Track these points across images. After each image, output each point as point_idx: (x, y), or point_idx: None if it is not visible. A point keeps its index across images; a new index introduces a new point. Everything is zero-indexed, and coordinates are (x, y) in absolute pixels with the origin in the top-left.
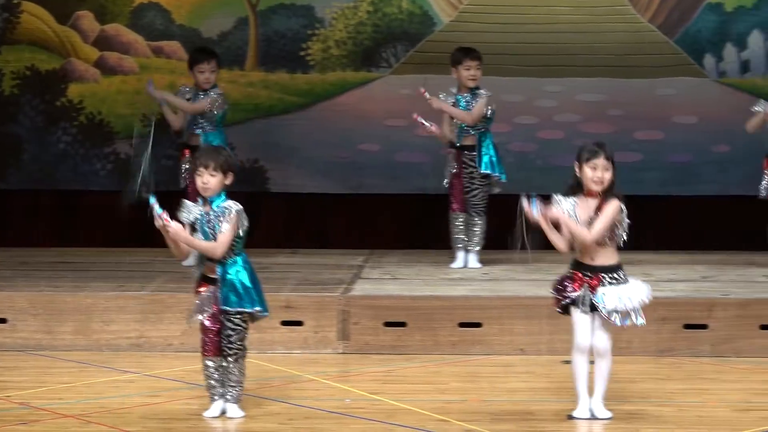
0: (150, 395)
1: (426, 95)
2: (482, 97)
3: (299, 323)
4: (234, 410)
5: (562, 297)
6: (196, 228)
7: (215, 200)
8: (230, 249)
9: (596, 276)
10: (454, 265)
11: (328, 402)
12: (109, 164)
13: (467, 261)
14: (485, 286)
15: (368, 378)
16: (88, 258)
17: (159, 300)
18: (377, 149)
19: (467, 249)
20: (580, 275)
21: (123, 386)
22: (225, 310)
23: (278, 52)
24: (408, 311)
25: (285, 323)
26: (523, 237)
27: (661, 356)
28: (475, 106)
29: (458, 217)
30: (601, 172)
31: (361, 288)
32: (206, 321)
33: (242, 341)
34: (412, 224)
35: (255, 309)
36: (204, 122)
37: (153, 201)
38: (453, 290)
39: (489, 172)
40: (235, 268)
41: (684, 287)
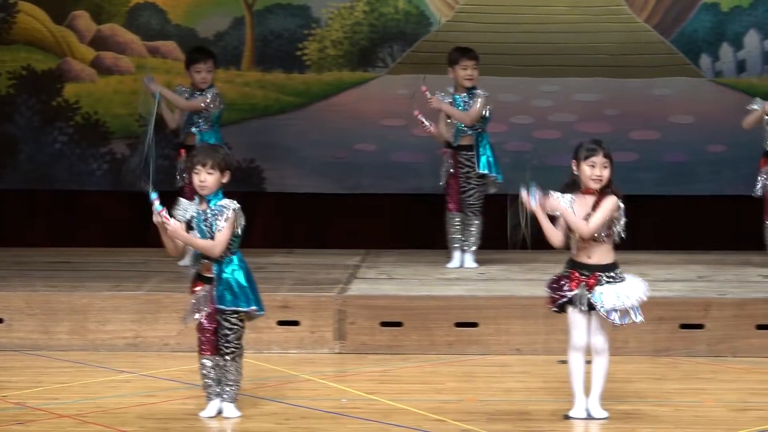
0: (146, 395)
1: (427, 94)
2: (480, 98)
3: (296, 323)
4: (230, 410)
5: (559, 296)
6: (193, 226)
7: (212, 198)
8: (227, 248)
9: (593, 275)
10: (451, 265)
11: (325, 402)
12: (105, 164)
13: (463, 261)
14: (481, 286)
15: (365, 378)
16: (84, 258)
17: (155, 300)
18: (373, 149)
19: (463, 249)
20: (577, 274)
21: (119, 386)
22: (221, 309)
23: (274, 52)
24: (404, 311)
25: (281, 323)
26: (520, 218)
27: (658, 356)
28: (473, 107)
29: (454, 217)
30: (600, 170)
31: (358, 288)
32: (203, 320)
33: (239, 340)
34: (409, 224)
35: (251, 308)
36: (200, 121)
37: (154, 197)
38: (449, 290)
39: (486, 173)
40: (231, 267)
41: (680, 287)
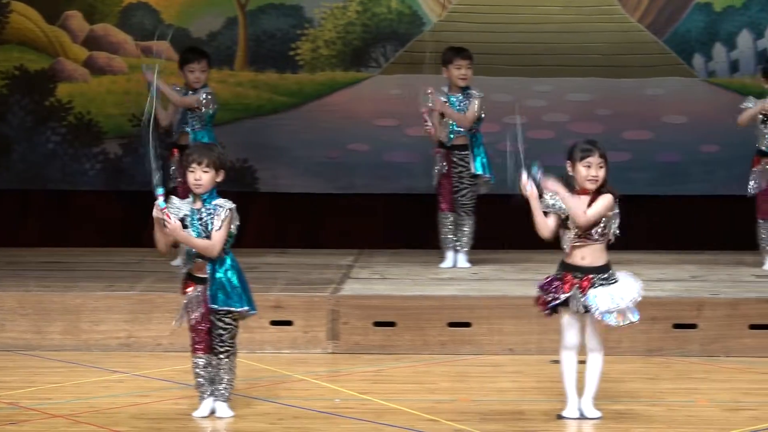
0: (139, 395)
1: (432, 96)
2: (476, 98)
3: (289, 323)
4: (223, 410)
5: (552, 298)
6: (187, 225)
7: (207, 197)
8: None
9: (586, 277)
10: (444, 265)
11: (318, 402)
12: (98, 164)
13: (456, 261)
14: (474, 286)
15: (358, 378)
16: (77, 258)
17: (148, 300)
18: (366, 149)
19: (456, 249)
20: (570, 276)
21: (112, 386)
22: (214, 309)
23: (267, 52)
24: (397, 311)
25: (274, 323)
26: (517, 156)
27: (651, 356)
28: (470, 109)
29: (447, 217)
30: (596, 170)
31: (351, 288)
32: (196, 319)
33: (233, 339)
34: (402, 224)
35: (243, 308)
36: (194, 121)
37: (160, 192)
38: (442, 290)
39: (481, 173)
40: (224, 267)
41: (673, 287)
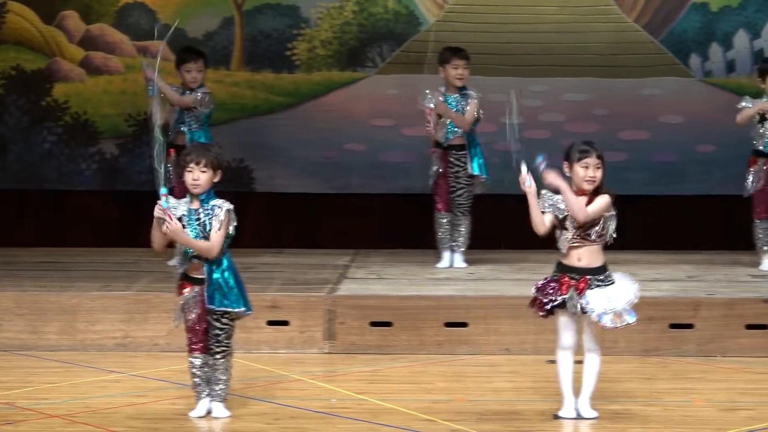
0: (136, 395)
1: (440, 98)
2: (473, 99)
3: (285, 323)
4: (220, 410)
5: (549, 300)
6: (184, 225)
7: (205, 198)
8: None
9: (583, 278)
10: (440, 265)
11: (314, 402)
12: (94, 164)
13: (453, 261)
14: (471, 286)
15: (354, 378)
16: (73, 258)
17: (144, 300)
18: (363, 149)
19: (453, 249)
20: (567, 278)
21: (109, 386)
22: (211, 310)
23: (264, 52)
24: (394, 311)
25: (271, 323)
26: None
27: (647, 356)
28: (468, 111)
29: (443, 217)
30: (593, 171)
31: (347, 288)
32: (192, 319)
33: (229, 339)
34: (398, 224)
35: (240, 309)
36: (190, 121)
37: (164, 192)
38: (439, 290)
39: (477, 174)
40: (222, 268)
41: (670, 287)
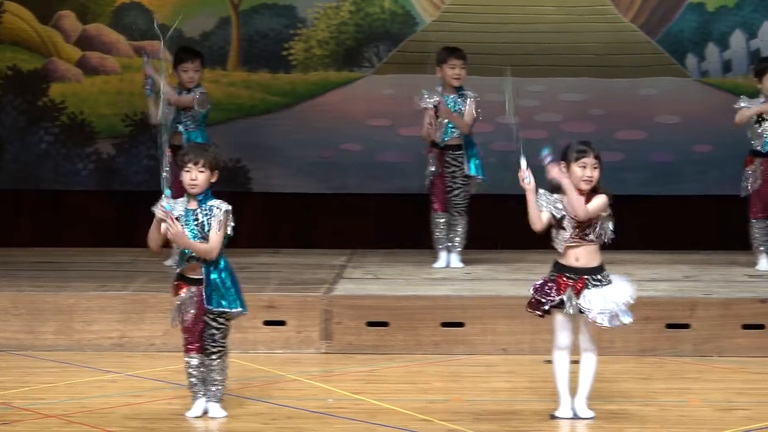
0: (132, 395)
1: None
2: (471, 100)
3: (282, 323)
4: (216, 410)
5: (546, 301)
6: (181, 225)
7: (202, 198)
8: None
9: (580, 279)
10: (437, 265)
11: (311, 402)
12: (91, 164)
13: (449, 261)
14: (467, 286)
15: (351, 378)
16: (70, 258)
17: (141, 300)
18: (359, 149)
19: (449, 249)
20: (564, 278)
21: (105, 386)
22: (209, 310)
23: (260, 52)
24: (390, 311)
25: (267, 323)
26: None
27: (644, 356)
28: (467, 112)
29: (440, 217)
30: (591, 171)
31: (344, 288)
32: (189, 320)
33: (225, 339)
34: (395, 224)
35: (237, 309)
36: (187, 121)
37: (167, 194)
38: (435, 290)
39: (474, 175)
40: (219, 269)
41: (666, 287)
